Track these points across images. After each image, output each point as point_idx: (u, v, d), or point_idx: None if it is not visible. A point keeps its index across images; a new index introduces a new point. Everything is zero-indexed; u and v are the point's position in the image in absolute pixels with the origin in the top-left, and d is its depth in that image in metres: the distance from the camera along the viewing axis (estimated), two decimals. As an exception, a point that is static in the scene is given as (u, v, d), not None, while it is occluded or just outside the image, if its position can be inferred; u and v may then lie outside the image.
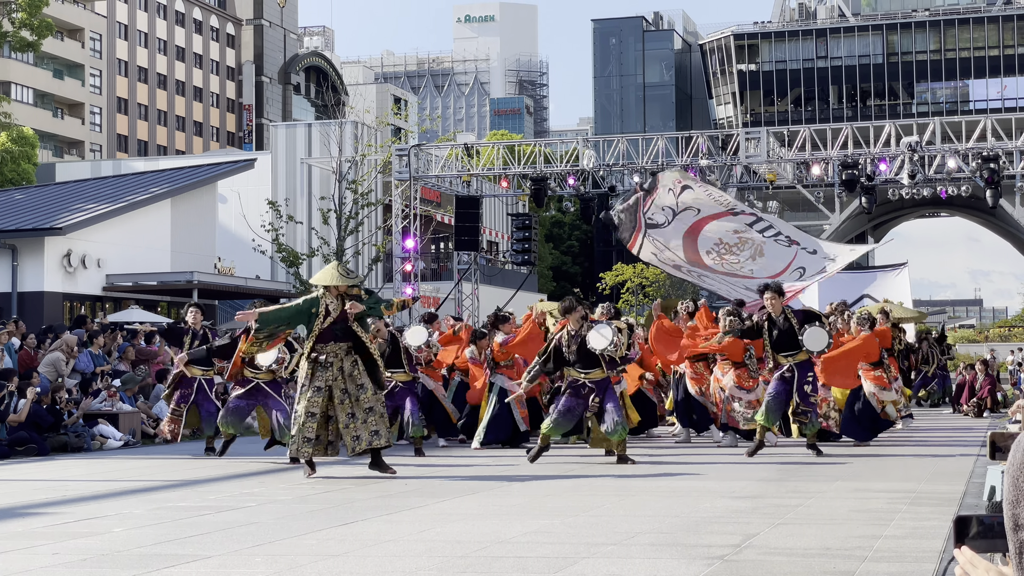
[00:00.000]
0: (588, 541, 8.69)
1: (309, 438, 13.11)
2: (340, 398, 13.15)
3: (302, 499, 11.59)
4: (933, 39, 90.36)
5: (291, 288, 41.06)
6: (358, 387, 13.16)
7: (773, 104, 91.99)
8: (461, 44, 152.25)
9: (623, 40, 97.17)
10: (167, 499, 11.81)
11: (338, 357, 13.24)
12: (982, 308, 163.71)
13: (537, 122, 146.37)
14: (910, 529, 9.14)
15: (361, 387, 13.16)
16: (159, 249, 38.56)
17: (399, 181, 37.97)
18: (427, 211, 49.09)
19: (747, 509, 10.44)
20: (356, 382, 13.18)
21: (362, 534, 9.17)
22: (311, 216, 48.37)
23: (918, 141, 33.67)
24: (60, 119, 77.23)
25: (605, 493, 11.97)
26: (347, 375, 13.20)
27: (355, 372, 13.21)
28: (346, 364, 13.23)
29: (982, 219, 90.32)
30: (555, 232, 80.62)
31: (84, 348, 21.62)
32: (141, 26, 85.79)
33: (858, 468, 14.20)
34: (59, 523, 9.99)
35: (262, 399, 15.59)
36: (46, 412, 18.01)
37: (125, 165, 57.08)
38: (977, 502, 10.20)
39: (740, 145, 35.63)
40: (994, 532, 2.50)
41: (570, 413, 14.60)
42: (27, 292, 34.03)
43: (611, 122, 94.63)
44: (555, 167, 36.42)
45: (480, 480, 13.23)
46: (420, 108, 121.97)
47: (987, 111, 78.16)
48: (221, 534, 9.22)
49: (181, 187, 40.51)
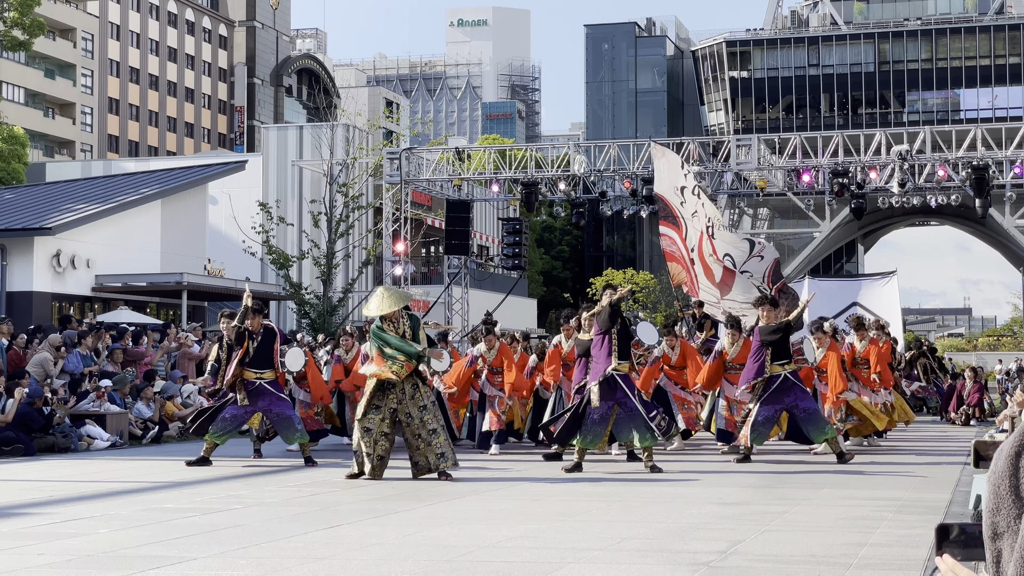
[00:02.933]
0: (574, 546, 8.69)
1: (369, 453, 13.35)
2: (406, 421, 13.41)
3: (288, 502, 11.59)
4: (925, 48, 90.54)
5: (281, 290, 41.01)
6: (421, 409, 13.37)
7: (764, 111, 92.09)
8: (454, 48, 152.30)
9: (615, 46, 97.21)
10: (153, 500, 11.79)
11: (400, 379, 13.45)
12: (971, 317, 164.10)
13: (529, 127, 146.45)
14: (896, 537, 9.15)
15: (424, 408, 13.38)
16: (149, 250, 38.52)
17: (390, 184, 37.96)
18: (418, 215, 49.11)
19: (733, 516, 10.45)
20: (418, 404, 13.42)
21: (347, 537, 9.17)
22: (302, 218, 48.33)
23: (908, 150, 33.74)
24: (51, 119, 77.11)
25: (592, 498, 11.98)
26: (409, 397, 13.42)
27: (417, 395, 13.44)
28: (407, 386, 13.45)
29: (972, 228, 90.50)
30: (546, 237, 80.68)
31: (73, 349, 21.57)
32: (133, 27, 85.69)
33: (845, 476, 14.22)
34: (45, 524, 9.97)
35: (263, 404, 15.43)
36: (36, 413, 17.96)
37: (116, 166, 57.02)
38: (963, 511, 10.23)
39: (731, 152, 35.68)
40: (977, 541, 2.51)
41: (603, 420, 14.53)
42: (16, 292, 33.97)
43: (603, 127, 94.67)
44: (546, 172, 36.43)
45: (467, 483, 13.23)
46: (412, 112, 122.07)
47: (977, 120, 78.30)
48: (207, 536, 9.21)
49: (172, 188, 40.48)
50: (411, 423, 13.35)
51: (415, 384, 13.48)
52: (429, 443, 13.31)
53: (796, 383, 15.76)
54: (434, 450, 13.32)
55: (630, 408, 14.34)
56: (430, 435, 13.33)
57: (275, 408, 15.45)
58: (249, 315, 15.48)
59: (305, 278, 44.54)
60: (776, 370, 15.77)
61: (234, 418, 15.40)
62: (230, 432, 15.53)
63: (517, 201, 40.43)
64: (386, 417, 13.42)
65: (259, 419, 16.11)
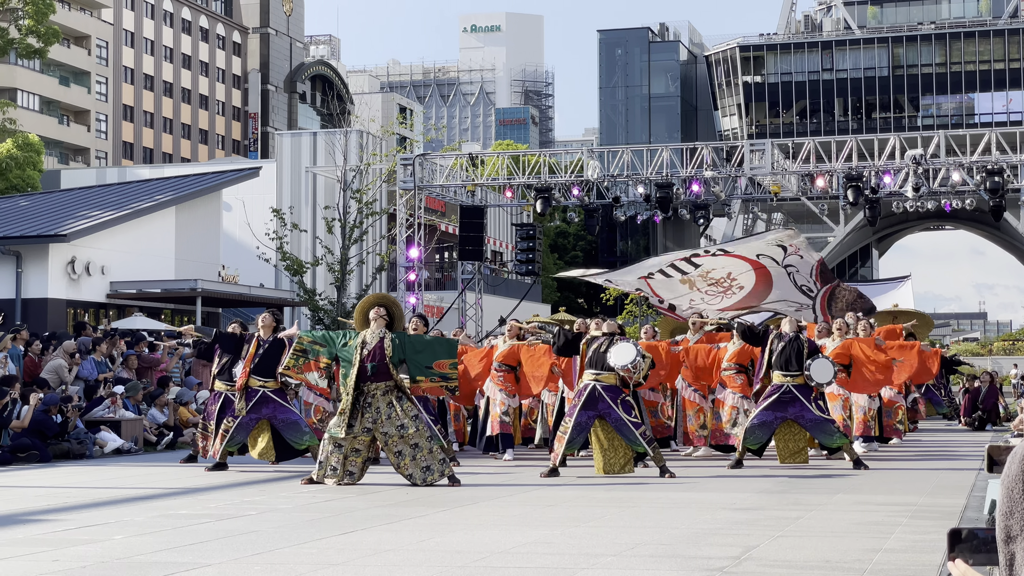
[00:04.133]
0: (588, 552, 8.68)
1: (335, 467, 13.34)
2: (383, 441, 13.32)
3: (303, 508, 11.59)
4: (939, 52, 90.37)
5: (295, 296, 41.06)
6: (399, 427, 13.24)
7: (778, 116, 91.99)
8: (467, 54, 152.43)
9: (629, 51, 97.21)
10: (167, 507, 11.81)
11: (375, 398, 13.37)
12: (986, 321, 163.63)
13: (542, 132, 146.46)
14: (910, 543, 9.13)
15: (402, 426, 13.24)
16: (163, 256, 38.59)
17: (404, 190, 38.00)
18: (431, 221, 49.14)
19: (747, 521, 10.43)
20: (396, 423, 13.26)
21: (362, 543, 9.17)
22: (315, 225, 48.40)
23: (923, 154, 33.68)
24: (66, 126, 77.31)
25: (605, 504, 11.96)
26: (385, 416, 13.28)
27: (393, 413, 13.28)
28: (383, 405, 13.32)
29: (987, 232, 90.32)
30: (559, 242, 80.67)
31: (87, 355, 21.63)
32: (147, 34, 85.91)
33: (859, 481, 14.18)
34: (60, 530, 10.00)
35: (267, 411, 15.46)
36: (52, 420, 18.01)
37: (130, 172, 57.16)
38: (978, 515, 10.20)
39: (745, 157, 35.66)
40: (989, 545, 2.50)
41: (580, 429, 14.49)
42: (31, 299, 34.07)
43: (616, 133, 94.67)
44: (560, 177, 36.43)
45: (480, 489, 13.22)
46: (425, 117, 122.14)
47: (992, 124, 78.14)
48: (221, 542, 9.22)
49: (186, 195, 40.56)
50: (389, 441, 13.21)
51: (390, 403, 13.30)
52: (413, 457, 13.17)
53: (799, 396, 15.59)
54: (419, 464, 13.17)
55: (615, 419, 14.29)
56: (413, 449, 13.17)
57: (279, 414, 15.50)
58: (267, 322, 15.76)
59: (319, 284, 44.61)
60: (780, 379, 15.65)
61: (241, 427, 15.44)
62: (241, 441, 15.63)
63: (530, 207, 40.46)
64: (359, 435, 13.30)
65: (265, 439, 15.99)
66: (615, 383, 14.34)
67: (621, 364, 14.15)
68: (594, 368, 14.44)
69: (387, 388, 13.36)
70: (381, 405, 13.30)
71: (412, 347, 13.68)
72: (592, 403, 14.35)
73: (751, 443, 15.63)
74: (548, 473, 14.40)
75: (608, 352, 14.27)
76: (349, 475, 13.41)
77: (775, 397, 15.61)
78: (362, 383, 13.37)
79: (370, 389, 13.35)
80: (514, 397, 17.85)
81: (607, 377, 14.33)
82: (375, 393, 13.34)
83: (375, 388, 13.33)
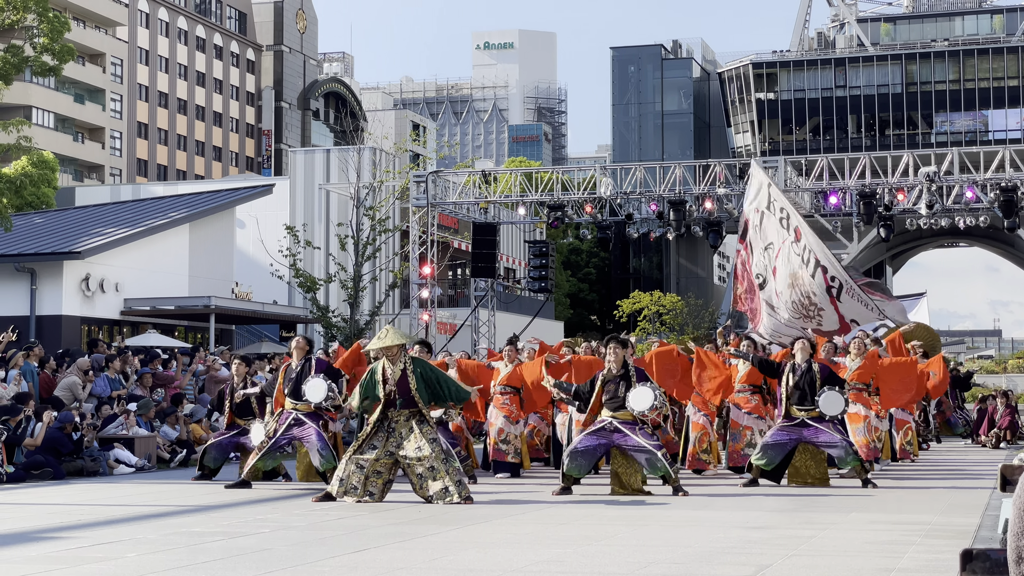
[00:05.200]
0: (601, 570, 8.67)
1: (356, 487, 13.49)
2: (405, 464, 13.48)
3: (316, 526, 11.59)
4: (952, 69, 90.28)
5: (308, 313, 41.09)
6: (417, 449, 13.42)
7: (791, 133, 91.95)
8: (480, 71, 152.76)
9: (642, 68, 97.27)
10: (181, 524, 11.82)
11: (399, 423, 13.61)
12: (1001, 339, 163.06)
13: (555, 149, 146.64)
14: (924, 562, 9.09)
15: (420, 448, 13.41)
16: (177, 273, 38.70)
17: (417, 207, 38.05)
18: (444, 237, 49.16)
19: (760, 540, 10.40)
20: (415, 446, 13.45)
21: (374, 562, 9.17)
22: (329, 242, 48.44)
23: (936, 171, 33.64)
24: (80, 143, 77.58)
25: (618, 522, 11.94)
26: (406, 440, 13.50)
27: (412, 436, 13.49)
28: (404, 430, 13.57)
29: (1001, 249, 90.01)
30: (572, 259, 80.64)
31: (101, 372, 21.68)
32: (162, 51, 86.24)
33: (872, 500, 14.13)
34: (73, 547, 10.01)
35: (301, 433, 15.42)
36: (66, 438, 18.04)
37: (144, 190, 57.34)
38: (992, 535, 10.15)
39: (757, 174, 35.59)
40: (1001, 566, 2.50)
41: (589, 453, 14.50)
42: (45, 316, 34.17)
43: (629, 150, 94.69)
44: (573, 194, 36.44)
45: (493, 507, 13.21)
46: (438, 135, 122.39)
47: (1006, 142, 78.00)
48: (234, 560, 9.23)
49: (200, 212, 40.68)
50: (411, 466, 13.42)
51: (411, 428, 13.53)
52: (433, 478, 13.35)
53: (813, 424, 15.48)
54: (437, 486, 13.34)
55: (632, 445, 14.29)
56: (430, 472, 13.35)
57: (307, 436, 15.50)
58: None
59: (332, 301, 44.62)
60: (796, 413, 15.53)
61: (275, 445, 15.44)
62: (276, 459, 15.64)
63: (543, 224, 40.46)
64: (381, 457, 13.52)
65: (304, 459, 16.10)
66: (632, 419, 14.39)
67: (640, 410, 14.22)
68: (611, 409, 14.48)
69: (411, 414, 13.63)
70: (403, 430, 13.57)
71: (432, 388, 13.76)
72: (605, 433, 14.40)
73: (763, 463, 15.50)
74: (560, 491, 14.41)
75: (627, 396, 14.32)
76: (369, 495, 13.56)
77: (792, 423, 15.54)
78: (387, 410, 13.63)
79: (394, 415, 13.63)
80: (516, 424, 17.82)
81: (624, 415, 14.39)
82: (399, 419, 13.62)
83: (399, 415, 13.62)
